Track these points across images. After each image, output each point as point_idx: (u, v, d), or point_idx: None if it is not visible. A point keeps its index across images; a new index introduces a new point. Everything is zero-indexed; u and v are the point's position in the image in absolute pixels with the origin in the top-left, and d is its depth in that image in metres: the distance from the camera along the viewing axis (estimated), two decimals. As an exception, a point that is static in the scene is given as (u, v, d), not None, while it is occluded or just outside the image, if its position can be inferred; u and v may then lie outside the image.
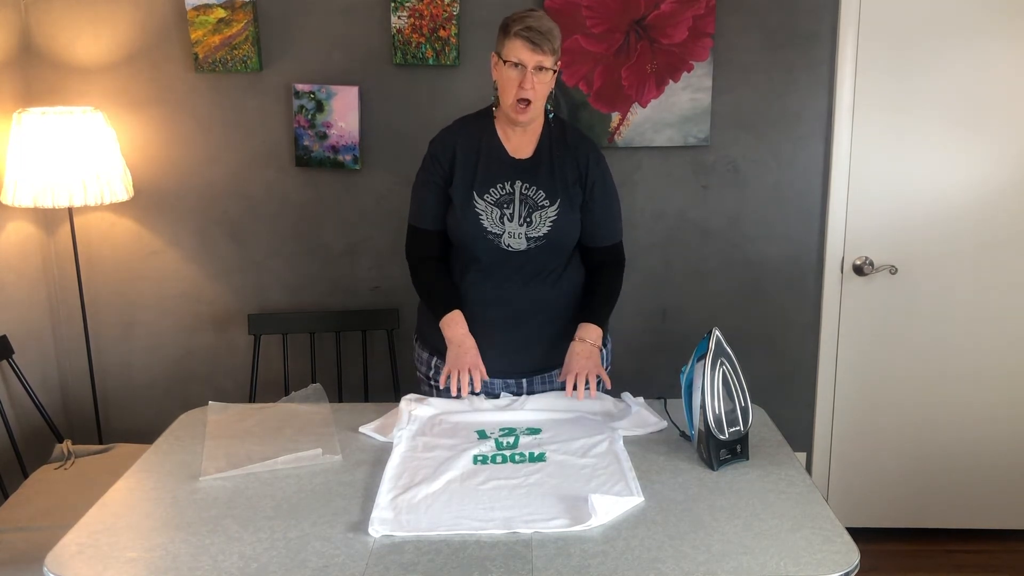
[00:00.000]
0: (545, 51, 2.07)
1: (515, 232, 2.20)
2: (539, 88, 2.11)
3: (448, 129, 2.29)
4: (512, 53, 2.08)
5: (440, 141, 2.27)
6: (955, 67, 2.86)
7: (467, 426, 2.13)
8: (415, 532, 1.67)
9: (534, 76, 2.08)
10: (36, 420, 2.92)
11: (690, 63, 2.86)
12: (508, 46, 2.08)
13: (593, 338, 2.22)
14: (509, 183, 2.20)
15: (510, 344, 2.28)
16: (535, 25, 2.06)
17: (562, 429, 2.11)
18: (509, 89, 2.11)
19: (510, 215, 2.19)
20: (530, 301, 2.26)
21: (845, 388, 3.12)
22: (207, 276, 3.10)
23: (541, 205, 2.20)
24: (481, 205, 2.20)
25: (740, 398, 1.95)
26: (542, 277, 2.26)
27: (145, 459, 2.05)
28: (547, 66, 2.09)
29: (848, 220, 2.99)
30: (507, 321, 2.27)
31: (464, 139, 2.24)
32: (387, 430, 2.11)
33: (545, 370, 2.34)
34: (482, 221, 2.20)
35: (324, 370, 3.05)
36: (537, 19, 2.09)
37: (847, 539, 1.66)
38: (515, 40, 2.07)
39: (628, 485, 1.84)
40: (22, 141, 2.66)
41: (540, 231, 2.20)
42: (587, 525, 1.68)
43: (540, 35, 2.06)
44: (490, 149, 2.22)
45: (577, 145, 2.25)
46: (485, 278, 2.25)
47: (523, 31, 2.05)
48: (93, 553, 1.65)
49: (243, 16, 2.84)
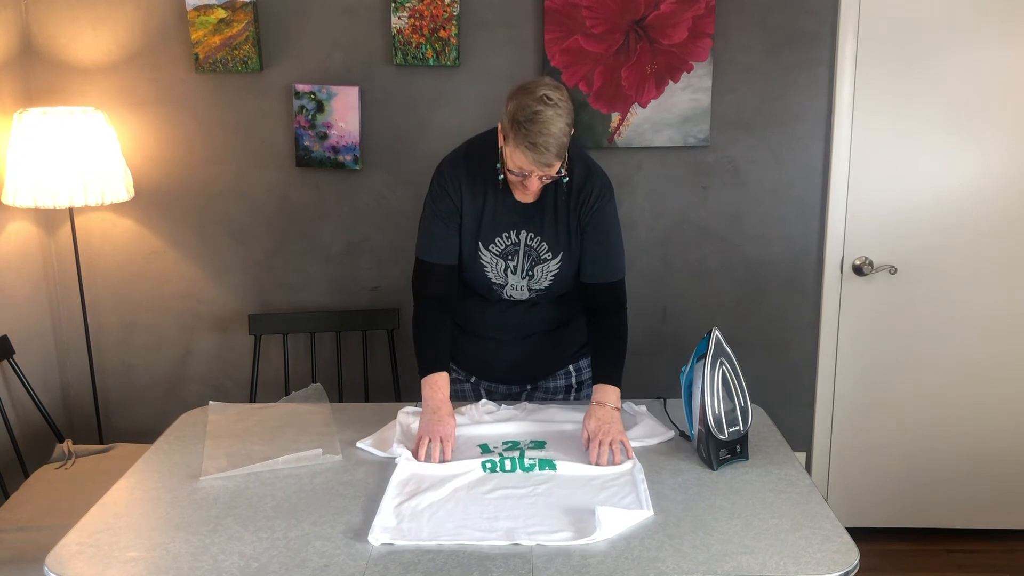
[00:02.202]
0: (552, 163, 1.91)
1: (518, 284, 2.17)
2: (545, 180, 1.99)
3: (455, 161, 2.15)
4: (517, 162, 1.93)
5: (451, 173, 2.12)
6: (955, 67, 2.86)
7: (469, 440, 2.09)
8: (416, 541, 1.66)
9: (541, 175, 1.96)
10: (37, 420, 2.92)
11: (690, 63, 2.86)
12: (513, 152, 1.92)
13: (613, 401, 2.09)
14: (515, 232, 2.12)
15: (513, 358, 2.29)
16: (540, 142, 1.86)
17: (566, 441, 2.08)
18: (513, 178, 2.00)
19: (514, 267, 2.14)
20: (530, 324, 2.25)
21: (845, 388, 3.12)
22: (207, 276, 3.10)
23: (544, 258, 2.14)
24: (487, 257, 2.14)
25: (740, 398, 1.95)
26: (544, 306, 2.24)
27: (145, 459, 2.05)
28: (554, 171, 1.95)
29: (848, 220, 2.99)
30: (512, 339, 2.27)
31: (471, 179, 2.11)
32: (385, 445, 2.06)
33: (547, 374, 2.36)
34: (487, 273, 2.16)
35: (324, 370, 3.05)
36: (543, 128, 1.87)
37: (847, 539, 1.66)
38: (519, 152, 1.90)
39: (639, 498, 1.80)
40: (23, 141, 2.66)
41: (542, 284, 2.17)
42: (591, 539, 1.66)
43: (547, 152, 1.88)
44: (495, 193, 2.10)
45: (581, 188, 2.11)
46: (487, 309, 2.24)
47: (529, 148, 1.88)
48: (94, 553, 1.65)
49: (243, 16, 2.84)
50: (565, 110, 1.90)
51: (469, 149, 2.16)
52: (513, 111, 1.90)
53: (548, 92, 1.90)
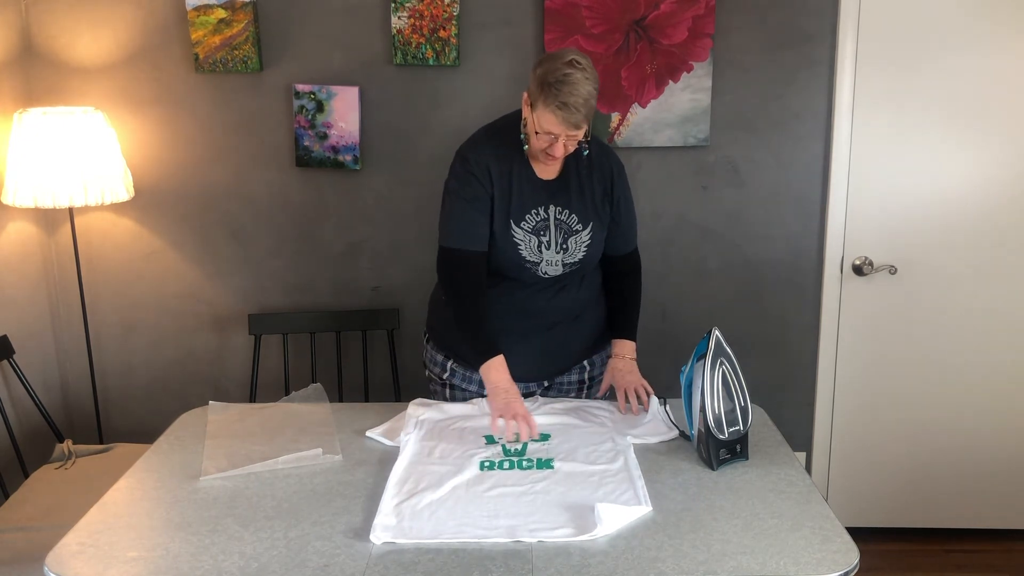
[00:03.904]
0: (580, 125, 1.98)
1: (552, 260, 2.18)
2: (569, 146, 2.05)
3: (478, 143, 2.19)
4: (546, 124, 1.99)
5: (475, 158, 2.15)
6: (955, 67, 2.86)
7: (475, 431, 2.12)
8: (417, 540, 1.66)
9: (566, 141, 2.03)
10: (37, 420, 2.92)
11: (690, 63, 2.86)
12: (542, 115, 1.98)
13: (630, 353, 2.31)
14: (543, 208, 2.16)
15: (538, 349, 2.30)
16: (571, 102, 1.94)
17: (571, 435, 2.10)
18: (538, 143, 2.05)
19: (547, 243, 2.16)
20: (557, 309, 2.27)
21: (845, 388, 3.12)
22: (207, 276, 3.10)
23: (575, 230, 2.18)
24: (520, 234, 2.15)
25: (740, 398, 1.95)
26: (567, 291, 2.26)
27: (145, 459, 2.05)
28: (580, 136, 2.03)
29: (848, 220, 2.99)
30: (536, 329, 2.28)
31: (496, 161, 2.14)
32: (394, 434, 2.11)
33: (563, 370, 2.38)
34: (521, 251, 2.16)
35: (324, 370, 3.05)
36: (574, 89, 1.95)
37: (847, 539, 1.66)
38: (549, 113, 1.97)
39: (636, 494, 1.82)
40: (23, 141, 2.66)
41: (576, 256, 2.19)
42: (592, 535, 1.66)
43: (576, 112, 1.95)
44: (521, 172, 2.15)
45: (601, 160, 2.21)
46: (511, 295, 2.24)
47: (559, 107, 1.95)
48: (93, 553, 1.65)
49: (243, 16, 2.84)
50: (592, 76, 1.99)
51: (489, 131, 2.21)
52: (543, 74, 1.97)
53: (576, 57, 1.98)
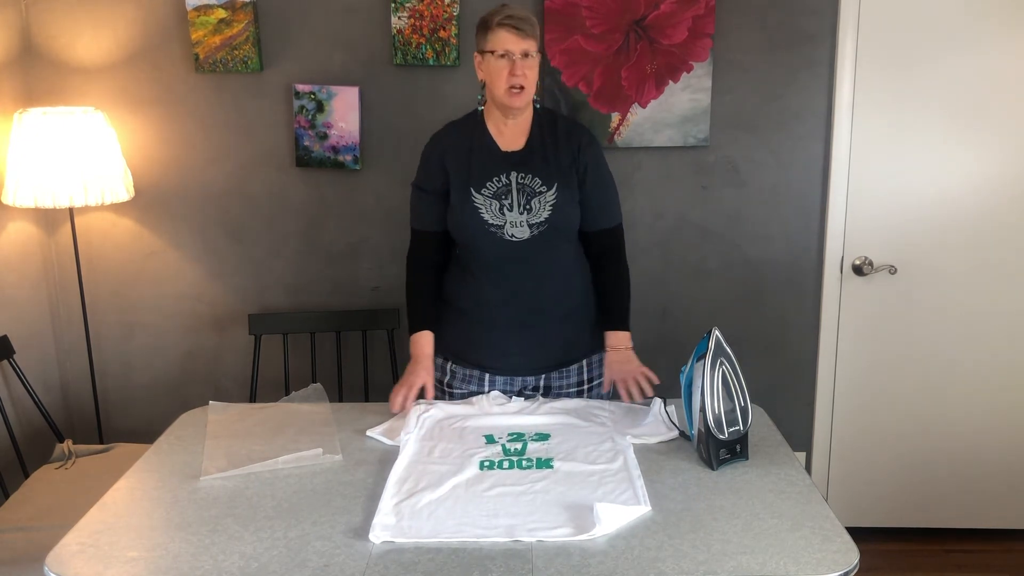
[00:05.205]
0: (529, 36, 2.15)
1: (516, 221, 2.22)
2: (529, 74, 2.17)
3: (436, 133, 2.35)
4: (498, 43, 2.14)
5: (430, 145, 2.33)
6: (955, 67, 2.86)
7: (476, 430, 2.12)
8: (416, 539, 1.66)
9: (522, 62, 2.14)
10: (37, 420, 2.92)
11: (690, 63, 2.86)
12: (492, 38, 2.15)
13: (624, 343, 2.35)
14: (504, 175, 2.23)
15: (528, 342, 2.32)
16: (515, 14, 2.14)
17: (571, 435, 2.10)
18: (500, 79, 2.16)
19: (509, 205, 2.22)
20: (544, 299, 2.29)
21: (845, 388, 3.12)
22: (207, 276, 3.10)
23: (539, 191, 2.23)
24: (479, 199, 2.22)
25: (740, 398, 1.95)
26: (553, 274, 2.29)
27: (146, 459, 2.05)
28: (532, 52, 2.16)
29: (847, 220, 2.99)
30: (523, 320, 2.30)
31: (454, 139, 2.29)
32: (394, 433, 2.10)
33: (563, 365, 2.37)
34: (482, 215, 2.22)
35: (324, 370, 3.05)
36: (514, 9, 2.16)
37: (847, 539, 1.66)
38: (499, 31, 2.14)
39: (636, 494, 1.81)
40: (23, 141, 2.66)
41: (541, 216, 2.22)
42: (591, 535, 1.66)
43: (522, 21, 2.13)
44: (482, 146, 2.27)
45: (569, 132, 2.29)
46: (498, 279, 2.28)
47: (505, 20, 2.13)
48: (94, 553, 1.65)
49: (243, 16, 2.84)
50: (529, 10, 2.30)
51: (451, 122, 2.36)
52: (483, 16, 2.19)
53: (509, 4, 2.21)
